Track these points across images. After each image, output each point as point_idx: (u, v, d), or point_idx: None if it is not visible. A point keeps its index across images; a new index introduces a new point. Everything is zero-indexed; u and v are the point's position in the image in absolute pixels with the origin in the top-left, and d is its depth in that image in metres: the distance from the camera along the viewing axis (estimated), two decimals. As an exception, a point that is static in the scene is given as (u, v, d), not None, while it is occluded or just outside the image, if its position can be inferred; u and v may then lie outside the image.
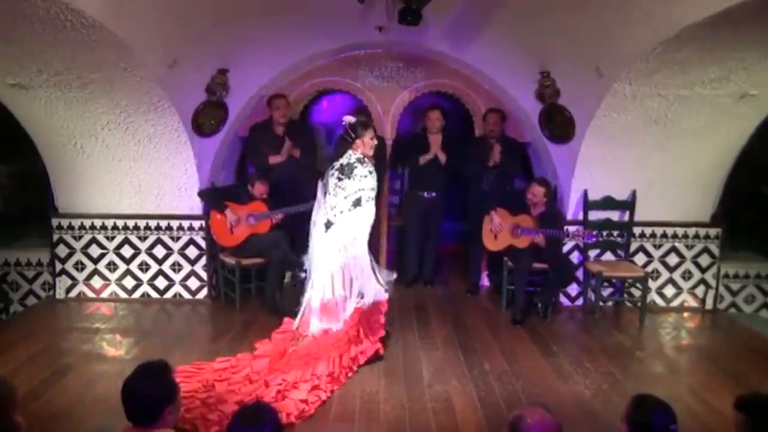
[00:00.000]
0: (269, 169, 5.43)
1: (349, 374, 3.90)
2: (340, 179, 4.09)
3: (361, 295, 4.11)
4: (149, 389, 2.06)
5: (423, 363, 4.12)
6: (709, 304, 5.51)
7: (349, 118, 4.22)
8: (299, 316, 4.21)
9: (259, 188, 5.17)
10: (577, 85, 4.94)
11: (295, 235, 5.45)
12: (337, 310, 4.08)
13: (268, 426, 1.92)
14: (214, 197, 5.16)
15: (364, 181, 4.08)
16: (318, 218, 4.20)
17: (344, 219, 4.07)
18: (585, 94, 4.86)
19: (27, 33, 3.80)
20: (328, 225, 4.11)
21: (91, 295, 5.45)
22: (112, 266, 5.44)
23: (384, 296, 4.19)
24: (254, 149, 5.56)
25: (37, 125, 5.00)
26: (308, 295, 4.18)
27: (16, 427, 2.04)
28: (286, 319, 4.43)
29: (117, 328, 4.79)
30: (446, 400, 3.61)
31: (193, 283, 5.48)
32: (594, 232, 5.13)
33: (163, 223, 5.38)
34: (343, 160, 4.14)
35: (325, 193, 4.17)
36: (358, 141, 4.14)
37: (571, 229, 5.23)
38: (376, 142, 4.22)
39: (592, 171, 5.22)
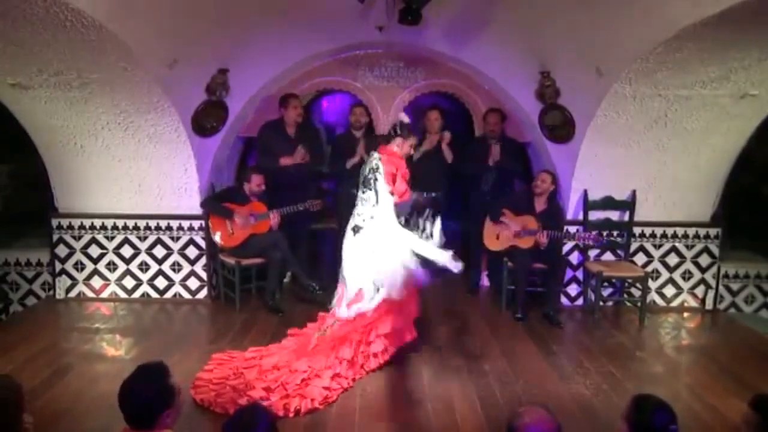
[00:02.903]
0: (276, 170, 5.41)
1: (372, 366, 3.95)
2: (363, 192, 4.13)
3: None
4: (146, 394, 2.02)
5: (423, 363, 4.12)
6: (709, 304, 5.51)
7: (404, 116, 4.27)
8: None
9: (255, 180, 5.16)
10: (577, 85, 4.94)
11: (295, 235, 5.46)
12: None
13: (262, 427, 1.91)
14: (218, 205, 5.15)
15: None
16: (348, 225, 4.23)
17: (372, 224, 4.09)
18: (585, 94, 4.87)
19: (27, 33, 3.80)
20: (356, 230, 4.14)
21: (91, 295, 5.45)
22: (111, 266, 5.44)
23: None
24: (265, 149, 5.49)
25: (37, 125, 5.00)
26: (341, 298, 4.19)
27: (25, 427, 2.02)
28: (320, 313, 4.45)
29: (117, 328, 4.79)
30: (446, 400, 3.61)
31: (193, 283, 5.48)
32: (603, 239, 5.14)
33: (163, 223, 5.38)
34: (365, 170, 4.15)
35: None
36: (399, 139, 4.17)
37: (572, 229, 5.23)
38: (412, 151, 4.29)
39: (592, 171, 5.22)
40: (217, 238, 5.17)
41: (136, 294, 5.48)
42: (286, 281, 5.66)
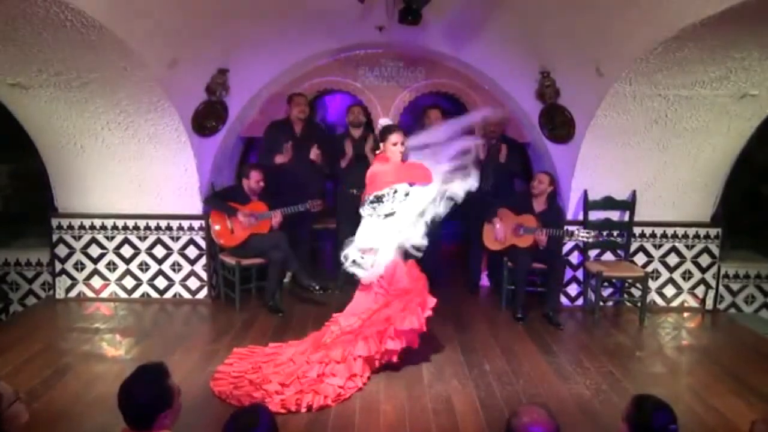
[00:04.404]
0: (278, 169, 5.39)
1: (383, 361, 3.92)
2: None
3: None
4: (145, 395, 2.01)
5: (423, 363, 4.12)
6: (709, 305, 5.51)
7: (383, 120, 4.12)
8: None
9: (255, 176, 5.15)
10: (577, 85, 4.94)
11: (296, 235, 5.46)
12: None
13: (263, 428, 1.91)
14: (221, 203, 5.14)
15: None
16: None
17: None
18: (585, 94, 4.87)
19: (27, 33, 3.80)
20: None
21: (90, 295, 5.45)
22: (111, 266, 5.44)
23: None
24: (270, 147, 5.49)
25: (37, 125, 5.00)
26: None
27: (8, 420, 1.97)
28: (334, 314, 4.39)
29: (117, 328, 4.79)
30: (446, 400, 3.61)
31: (193, 283, 5.48)
32: (602, 236, 5.13)
33: (163, 223, 5.38)
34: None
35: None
36: (381, 145, 4.05)
37: (572, 229, 5.23)
38: (402, 148, 4.02)
39: (592, 171, 5.22)
40: (218, 237, 5.17)
41: (136, 294, 5.48)
42: (286, 281, 5.66)
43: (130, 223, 5.37)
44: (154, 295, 5.50)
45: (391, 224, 4.01)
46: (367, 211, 4.06)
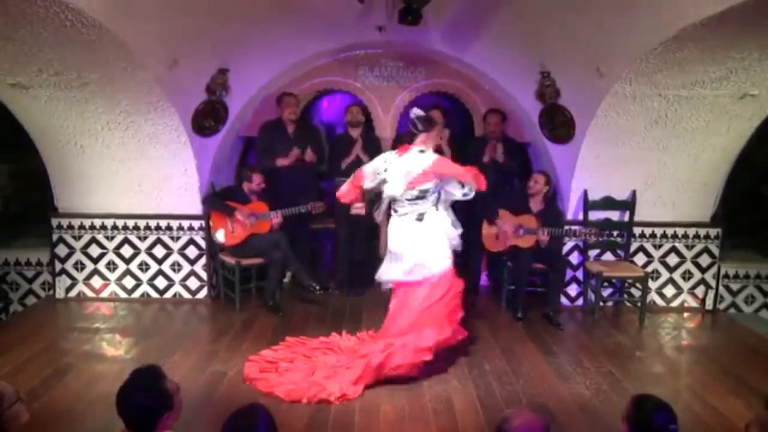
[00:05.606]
0: (276, 170, 5.41)
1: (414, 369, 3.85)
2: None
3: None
4: (143, 402, 2.00)
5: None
6: (709, 305, 5.51)
7: (417, 110, 3.99)
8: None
9: (257, 179, 5.16)
10: (577, 85, 4.94)
11: (296, 235, 5.46)
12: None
13: (262, 428, 1.91)
14: (220, 202, 5.14)
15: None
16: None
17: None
18: (585, 94, 4.87)
19: (27, 33, 3.81)
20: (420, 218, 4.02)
21: (90, 294, 5.45)
22: (111, 266, 5.44)
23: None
24: (265, 148, 5.51)
25: (37, 125, 5.00)
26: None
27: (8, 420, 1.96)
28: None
29: (117, 328, 4.79)
30: (446, 400, 3.61)
31: (192, 283, 5.48)
32: (604, 234, 5.15)
33: (163, 223, 5.38)
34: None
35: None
36: (423, 135, 3.92)
37: (574, 228, 5.23)
38: (442, 141, 4.04)
39: (592, 171, 5.22)
40: (218, 236, 5.17)
41: (136, 294, 5.48)
42: (286, 281, 5.66)
43: (130, 223, 5.37)
44: (154, 295, 5.49)
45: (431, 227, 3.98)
46: (405, 209, 3.98)
